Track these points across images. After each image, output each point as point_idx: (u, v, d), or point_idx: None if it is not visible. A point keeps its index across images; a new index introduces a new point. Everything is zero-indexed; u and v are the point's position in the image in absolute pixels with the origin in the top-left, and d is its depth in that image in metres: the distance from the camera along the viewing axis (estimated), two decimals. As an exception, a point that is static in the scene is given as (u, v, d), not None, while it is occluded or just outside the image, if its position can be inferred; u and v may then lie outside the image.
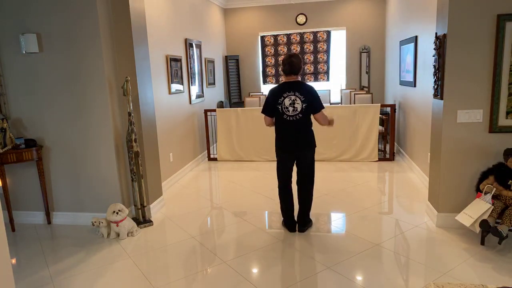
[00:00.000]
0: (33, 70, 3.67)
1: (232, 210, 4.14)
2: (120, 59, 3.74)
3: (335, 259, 2.97)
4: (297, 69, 3.27)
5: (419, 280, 2.64)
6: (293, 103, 3.24)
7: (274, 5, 8.29)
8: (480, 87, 3.21)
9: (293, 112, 3.25)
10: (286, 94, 3.26)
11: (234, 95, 8.53)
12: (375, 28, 8.02)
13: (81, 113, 3.69)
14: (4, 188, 3.72)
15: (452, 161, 3.37)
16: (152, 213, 4.01)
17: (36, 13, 3.55)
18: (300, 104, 3.24)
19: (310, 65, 8.58)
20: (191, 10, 6.22)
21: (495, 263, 2.80)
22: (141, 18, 3.89)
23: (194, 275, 2.84)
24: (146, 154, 3.94)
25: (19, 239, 3.62)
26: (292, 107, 3.24)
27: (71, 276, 2.89)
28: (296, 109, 3.24)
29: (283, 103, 3.26)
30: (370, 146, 5.90)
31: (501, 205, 2.99)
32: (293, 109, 3.25)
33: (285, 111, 3.27)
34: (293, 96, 3.24)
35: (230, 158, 6.38)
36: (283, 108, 3.27)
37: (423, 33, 4.81)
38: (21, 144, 3.65)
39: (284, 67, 3.29)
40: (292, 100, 3.24)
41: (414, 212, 3.87)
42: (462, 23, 3.14)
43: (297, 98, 3.23)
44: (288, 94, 3.25)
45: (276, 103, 3.29)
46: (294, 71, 3.27)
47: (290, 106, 3.25)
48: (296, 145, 3.34)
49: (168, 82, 5.15)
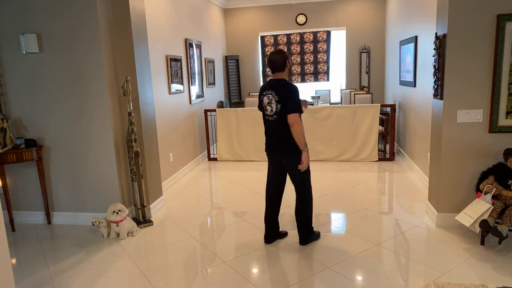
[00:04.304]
0: (33, 70, 3.67)
1: (232, 210, 4.14)
2: (120, 59, 3.74)
3: (335, 259, 2.97)
4: (278, 66, 3.03)
5: (419, 280, 2.64)
6: (270, 102, 3.04)
7: (274, 5, 8.29)
8: (480, 87, 3.21)
9: (270, 112, 3.06)
10: (265, 92, 3.08)
11: (234, 95, 8.53)
12: (375, 28, 8.02)
13: (81, 113, 3.69)
14: (4, 188, 3.72)
15: (452, 161, 3.37)
16: (152, 213, 4.01)
17: (36, 13, 3.55)
18: (274, 104, 3.00)
19: (310, 65, 8.58)
20: (191, 10, 6.22)
21: (495, 263, 2.81)
22: (141, 18, 3.89)
23: (194, 275, 2.84)
24: (146, 154, 3.94)
25: (19, 239, 3.62)
26: (270, 107, 3.04)
27: (71, 276, 2.89)
28: (272, 109, 3.03)
29: (262, 101, 3.12)
30: (370, 146, 5.90)
31: (501, 205, 2.99)
32: (270, 109, 3.05)
33: (265, 110, 3.11)
34: (270, 95, 3.03)
35: (230, 158, 6.38)
36: (263, 106, 3.12)
37: (423, 33, 4.81)
38: (21, 144, 3.65)
39: (268, 65, 3.11)
40: (269, 99, 3.04)
41: (414, 212, 3.87)
42: (462, 23, 3.14)
43: (273, 98, 3.01)
44: (267, 93, 3.06)
45: (260, 101, 3.17)
46: (276, 67, 3.04)
47: (268, 105, 3.06)
48: (274, 147, 3.14)
49: (168, 82, 5.15)
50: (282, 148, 3.08)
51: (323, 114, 5.93)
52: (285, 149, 3.06)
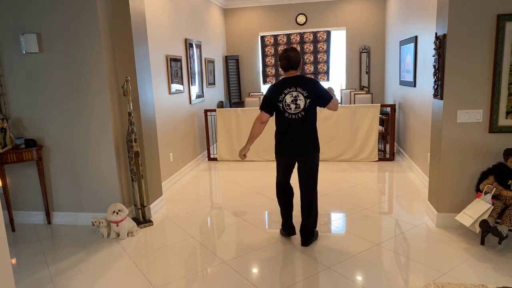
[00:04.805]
0: (33, 70, 3.67)
1: (232, 210, 4.14)
2: (120, 59, 3.74)
3: (335, 259, 2.97)
4: (295, 63, 3.00)
5: (419, 280, 2.64)
6: (295, 100, 2.95)
7: (274, 5, 8.29)
8: (480, 87, 3.21)
9: (295, 110, 2.97)
10: (287, 90, 2.97)
11: (234, 95, 8.53)
12: (375, 28, 8.02)
13: (81, 113, 3.69)
14: (4, 188, 3.71)
15: (452, 161, 3.37)
16: (152, 213, 4.01)
17: (36, 13, 3.55)
18: (303, 100, 2.94)
19: (310, 65, 8.58)
20: (191, 10, 6.22)
21: (495, 263, 2.81)
22: (141, 18, 3.89)
23: (194, 275, 2.84)
24: (146, 154, 3.94)
25: (19, 239, 3.62)
26: (295, 104, 2.96)
27: (71, 276, 2.89)
28: (298, 106, 2.95)
29: (284, 100, 2.98)
30: (370, 146, 5.90)
31: (501, 205, 2.99)
32: (295, 107, 2.96)
33: (287, 109, 2.98)
34: (295, 92, 2.95)
35: (230, 158, 6.38)
36: (284, 105, 2.99)
37: (423, 33, 4.81)
38: (21, 144, 3.65)
39: (281, 62, 3.02)
40: (294, 97, 2.95)
41: (414, 212, 3.87)
42: (462, 23, 3.14)
43: (299, 94, 2.94)
44: (290, 90, 2.96)
45: (277, 100, 3.01)
46: (292, 65, 3.00)
47: (292, 103, 2.96)
48: (298, 148, 3.05)
49: (168, 82, 5.15)
50: (311, 146, 3.08)
51: (323, 114, 5.92)
52: (314, 146, 3.09)
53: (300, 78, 3.03)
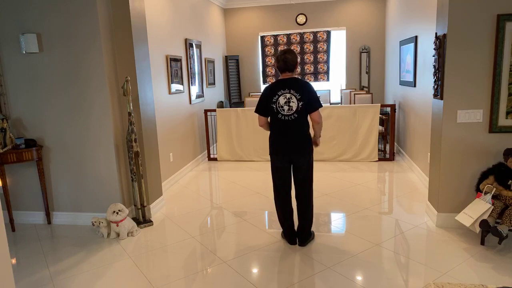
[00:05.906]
0: (33, 70, 3.67)
1: (232, 210, 4.14)
2: (120, 59, 3.74)
3: (335, 259, 2.97)
4: (292, 65, 3.04)
5: (419, 280, 2.64)
6: (288, 102, 3.00)
7: (274, 5, 8.29)
8: (480, 87, 3.21)
9: (288, 112, 3.01)
10: (280, 92, 3.02)
11: (234, 95, 8.53)
12: (375, 28, 8.02)
13: (81, 113, 3.69)
14: (4, 188, 3.72)
15: (452, 161, 3.37)
16: (152, 213, 4.01)
17: (36, 13, 3.55)
18: (296, 102, 2.99)
19: (310, 65, 8.58)
20: (191, 10, 6.22)
21: (495, 263, 2.81)
22: (141, 18, 3.89)
23: (194, 275, 2.84)
24: (146, 154, 3.94)
25: (19, 239, 3.62)
26: (288, 106, 3.00)
27: (71, 276, 2.89)
28: (291, 108, 3.00)
29: (277, 101, 3.03)
30: (370, 146, 5.90)
31: (501, 205, 2.99)
32: (288, 108, 3.01)
33: (280, 110, 3.03)
34: (288, 94, 3.00)
35: (230, 158, 6.38)
36: (277, 107, 3.03)
37: (423, 33, 4.81)
38: (21, 144, 3.65)
39: (278, 63, 3.06)
40: (287, 98, 3.00)
41: (414, 212, 3.87)
42: (462, 23, 3.14)
43: (293, 96, 2.99)
44: (283, 92, 3.01)
45: (270, 101, 3.06)
46: (288, 67, 3.04)
47: (285, 104, 3.01)
48: (290, 147, 3.09)
49: (168, 82, 5.15)
50: (301, 147, 3.10)
51: (323, 114, 5.92)
52: (304, 147, 3.10)
53: (295, 81, 3.06)
